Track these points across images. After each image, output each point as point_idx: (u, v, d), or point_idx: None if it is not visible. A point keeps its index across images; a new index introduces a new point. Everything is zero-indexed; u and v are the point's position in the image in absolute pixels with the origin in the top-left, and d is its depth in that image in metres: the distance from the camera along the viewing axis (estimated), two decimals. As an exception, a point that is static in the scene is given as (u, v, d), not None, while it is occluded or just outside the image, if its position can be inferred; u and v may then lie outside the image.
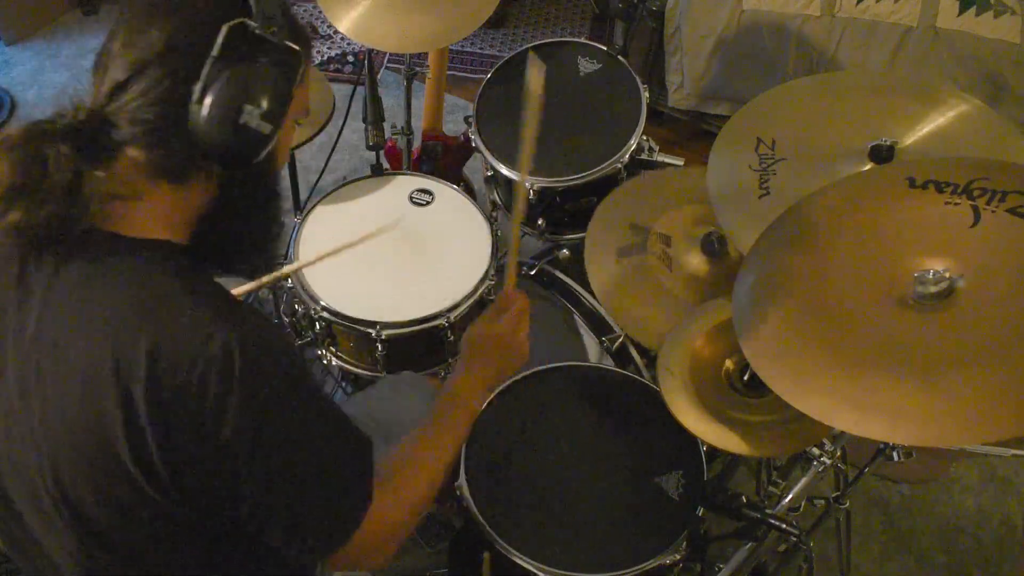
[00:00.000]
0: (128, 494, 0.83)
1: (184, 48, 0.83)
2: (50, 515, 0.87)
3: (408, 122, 2.19)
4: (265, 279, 1.48)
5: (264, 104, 0.86)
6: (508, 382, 1.50)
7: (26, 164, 0.81)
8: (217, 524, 0.89)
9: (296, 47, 0.89)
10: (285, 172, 2.12)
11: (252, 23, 0.85)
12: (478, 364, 1.15)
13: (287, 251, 1.71)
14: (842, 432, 1.30)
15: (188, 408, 0.79)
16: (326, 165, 2.23)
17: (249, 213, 0.96)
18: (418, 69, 2.15)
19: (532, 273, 1.85)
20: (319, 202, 1.76)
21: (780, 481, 1.54)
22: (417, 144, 2.26)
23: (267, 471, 0.85)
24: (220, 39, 0.83)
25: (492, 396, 1.45)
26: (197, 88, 0.83)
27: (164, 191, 0.87)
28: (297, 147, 1.78)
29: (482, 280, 1.63)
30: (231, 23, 0.83)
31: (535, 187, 1.79)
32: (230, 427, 0.80)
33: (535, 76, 1.13)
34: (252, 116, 0.85)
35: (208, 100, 0.83)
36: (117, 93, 0.83)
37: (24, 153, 0.81)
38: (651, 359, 1.66)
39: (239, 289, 1.42)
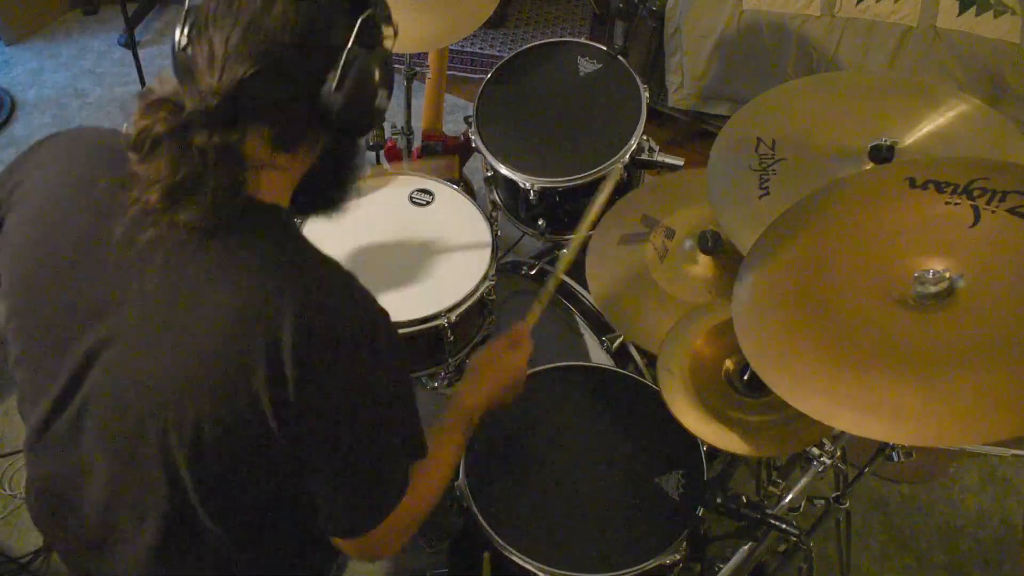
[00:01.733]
0: (249, 426, 0.87)
1: (316, 38, 0.86)
2: (147, 454, 0.90)
3: (408, 122, 2.19)
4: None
5: (389, 85, 0.94)
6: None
7: (183, 159, 0.83)
8: (296, 490, 0.94)
9: (392, 26, 0.96)
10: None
11: (375, 12, 0.91)
12: (487, 386, 1.22)
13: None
14: (842, 432, 1.30)
15: (324, 354, 0.86)
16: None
17: (347, 168, 1.03)
18: (418, 69, 2.15)
19: (532, 273, 1.85)
20: (319, 202, 1.76)
21: (780, 481, 1.54)
22: (417, 144, 2.26)
23: (365, 428, 0.91)
24: (355, 31, 0.87)
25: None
26: (334, 77, 0.87)
27: (282, 159, 0.92)
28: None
29: (482, 280, 1.63)
30: (364, 15, 0.88)
31: (535, 187, 1.79)
32: (351, 380, 0.88)
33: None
34: (383, 99, 0.93)
35: (347, 88, 0.87)
36: (247, 81, 0.84)
37: (174, 147, 0.83)
38: (651, 359, 1.66)
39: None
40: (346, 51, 0.88)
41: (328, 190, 1.04)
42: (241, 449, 0.89)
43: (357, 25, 0.88)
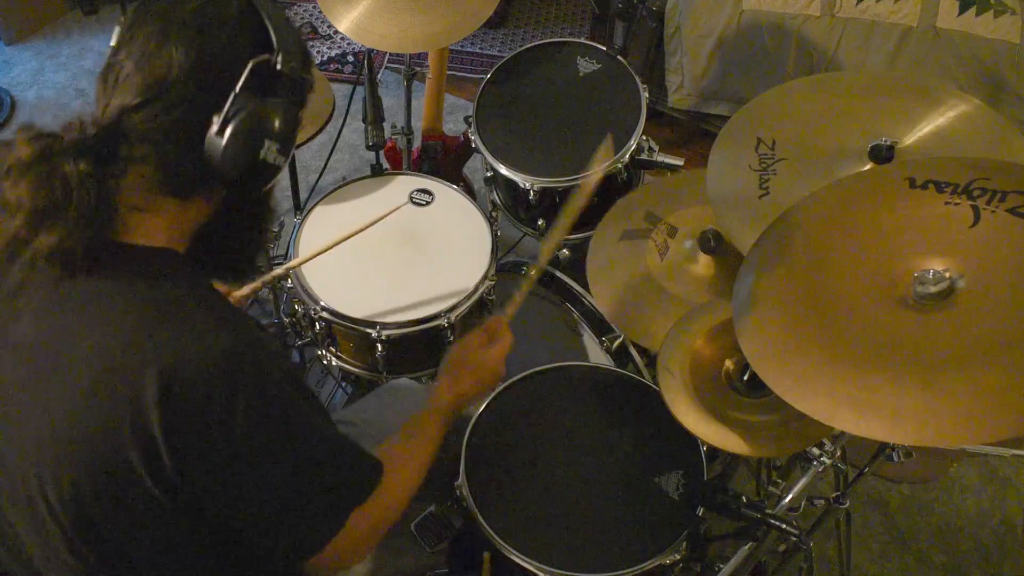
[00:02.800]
0: (133, 494, 0.83)
1: (205, 78, 0.83)
2: (43, 520, 0.87)
3: (408, 122, 2.19)
4: (266, 277, 1.47)
5: (282, 139, 0.89)
6: (509, 381, 1.50)
7: (48, 185, 0.80)
8: (209, 530, 0.90)
9: (308, 77, 0.92)
10: (284, 171, 2.12)
11: (274, 59, 0.86)
12: (460, 382, 1.20)
13: (287, 251, 1.71)
14: (842, 432, 1.30)
15: (197, 412, 0.81)
16: (326, 165, 2.23)
17: (247, 226, 0.99)
18: (418, 69, 2.15)
19: (532, 273, 1.85)
20: (319, 202, 1.76)
21: (780, 481, 1.54)
22: (417, 144, 2.26)
23: (269, 470, 0.86)
24: (245, 74, 0.84)
25: (493, 393, 1.47)
26: (217, 120, 0.83)
27: (169, 204, 0.88)
28: (297, 147, 1.77)
29: (482, 280, 1.63)
30: (257, 59, 0.85)
31: (535, 187, 1.79)
32: (238, 431, 0.82)
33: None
34: (270, 151, 0.88)
35: (228, 133, 0.84)
36: (130, 112, 0.83)
37: (42, 173, 0.81)
38: (651, 359, 1.66)
39: (241, 291, 1.42)
40: (232, 95, 0.84)
41: (225, 249, 0.99)
42: (133, 517, 0.85)
43: (247, 69, 0.84)
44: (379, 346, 1.58)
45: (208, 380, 0.81)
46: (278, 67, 0.86)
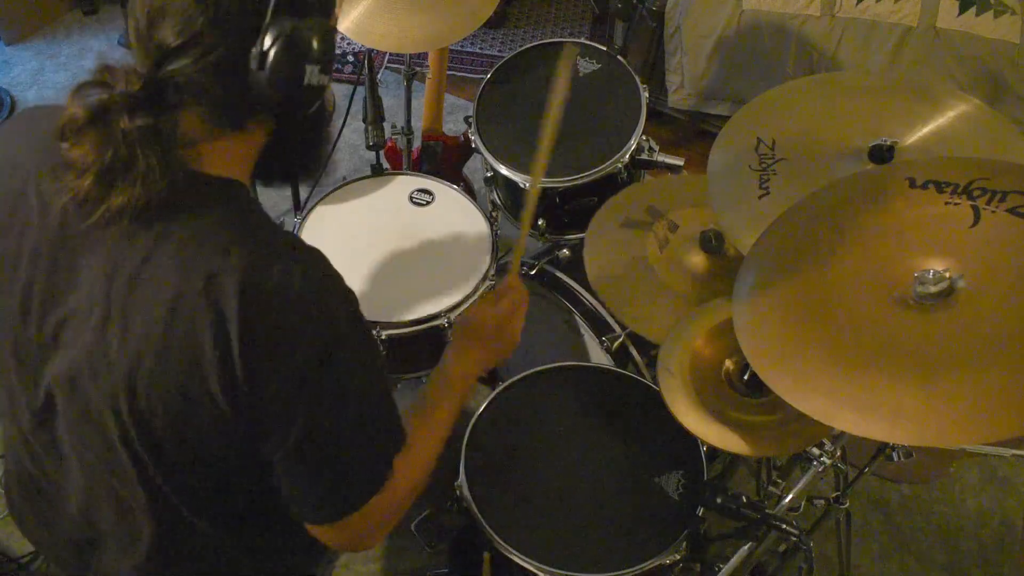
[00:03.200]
0: (203, 411, 0.85)
1: (236, 13, 0.82)
2: (115, 448, 0.89)
3: (408, 122, 2.19)
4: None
5: (322, 59, 0.88)
6: (508, 381, 1.50)
7: (110, 144, 0.81)
8: (263, 473, 0.91)
9: None
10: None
11: None
12: (469, 346, 1.15)
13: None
14: (842, 432, 1.30)
15: (272, 332, 0.83)
16: (326, 165, 2.23)
17: (307, 141, 1.00)
18: (418, 69, 2.15)
19: (532, 273, 1.85)
20: (319, 202, 1.76)
21: (780, 481, 1.54)
22: (417, 144, 2.26)
23: (323, 408, 0.87)
24: (271, 6, 0.82)
25: (492, 393, 1.46)
26: (255, 53, 0.83)
27: (227, 137, 0.89)
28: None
29: (482, 280, 1.63)
30: None
31: (535, 187, 1.79)
32: (303, 356, 0.84)
33: (564, 73, 1.13)
34: (313, 74, 0.88)
35: (269, 66, 0.83)
36: (170, 58, 0.83)
37: (100, 133, 0.82)
38: (651, 359, 1.66)
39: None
40: (265, 24, 0.83)
41: (290, 163, 1.01)
42: (197, 435, 0.87)
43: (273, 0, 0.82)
44: (379, 346, 1.58)
45: (286, 300, 0.83)
46: None
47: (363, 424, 0.92)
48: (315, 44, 0.86)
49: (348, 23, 1.80)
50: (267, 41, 0.82)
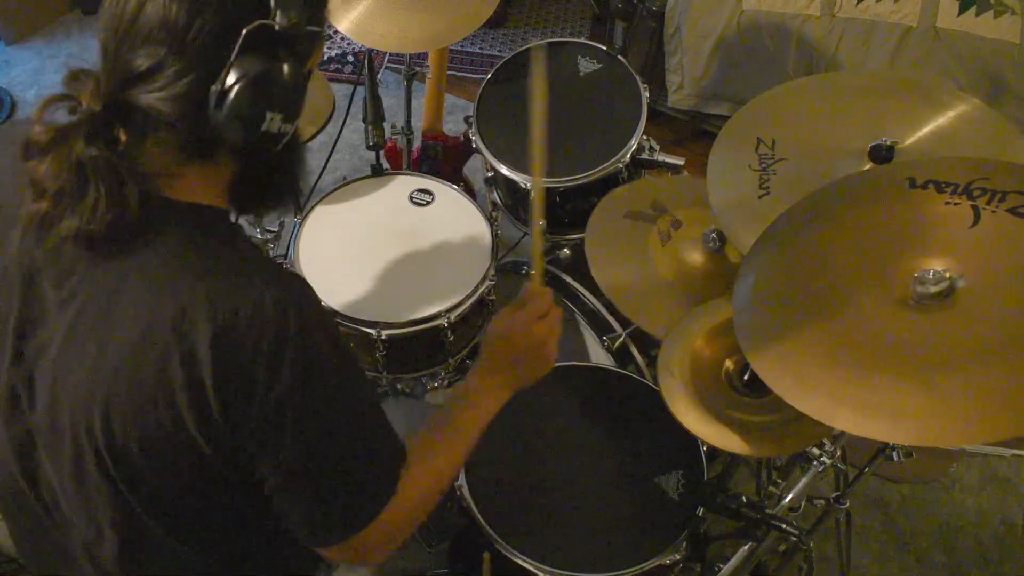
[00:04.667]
0: (178, 444, 0.84)
1: (203, 47, 0.79)
2: (87, 470, 0.88)
3: (408, 122, 2.19)
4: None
5: (285, 107, 0.85)
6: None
7: (66, 169, 0.80)
8: (248, 493, 0.90)
9: (317, 28, 0.86)
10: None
11: (271, 22, 0.81)
12: (498, 363, 1.08)
13: (287, 251, 1.71)
14: (842, 432, 1.30)
15: (246, 363, 0.81)
16: (326, 165, 2.23)
17: (276, 178, 0.97)
18: (418, 69, 2.15)
19: (532, 273, 1.85)
20: (319, 202, 1.76)
21: (780, 481, 1.54)
22: (417, 144, 2.26)
23: (310, 432, 0.86)
24: (238, 45, 0.79)
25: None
26: (215, 90, 0.80)
27: (195, 167, 0.87)
28: (297, 147, 1.78)
29: (482, 280, 1.63)
30: (249, 28, 0.79)
31: (535, 187, 1.79)
32: (282, 384, 0.82)
33: (538, 71, 1.08)
34: (274, 122, 0.84)
35: (227, 106, 0.80)
36: (135, 83, 0.81)
37: (59, 157, 0.80)
38: (651, 359, 1.66)
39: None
40: (228, 63, 0.79)
41: (260, 197, 0.97)
42: (173, 464, 0.86)
43: (240, 38, 0.79)
44: (379, 346, 1.58)
45: (260, 329, 0.80)
46: (276, 28, 0.81)
47: (355, 446, 0.90)
48: (279, 91, 0.83)
49: (348, 23, 1.80)
50: (229, 80, 0.80)
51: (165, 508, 0.90)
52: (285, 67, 0.83)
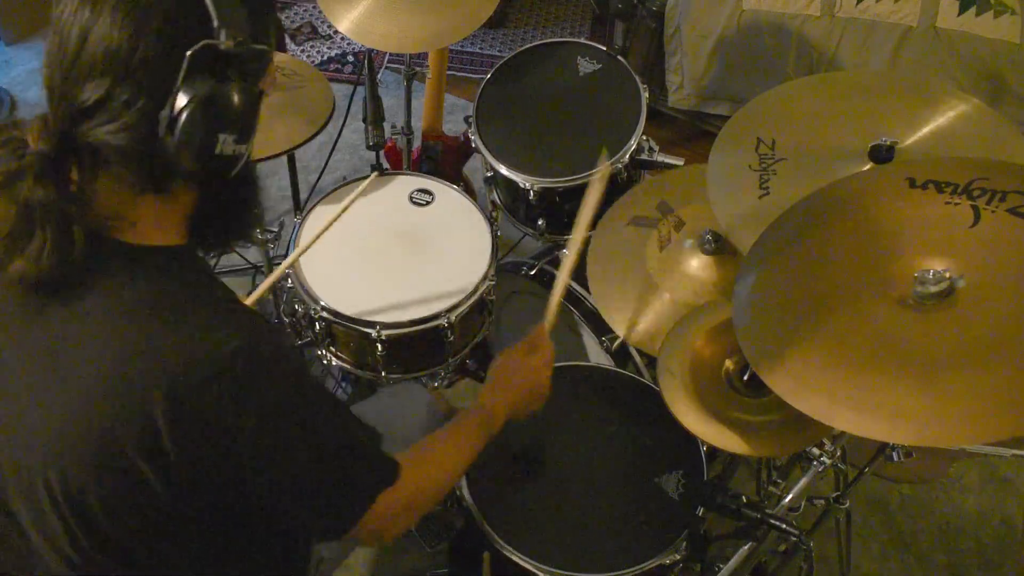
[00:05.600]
0: (136, 493, 0.83)
1: (149, 72, 0.77)
2: (46, 515, 0.87)
3: (408, 122, 2.19)
4: (271, 278, 1.47)
5: (237, 128, 0.83)
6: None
7: (14, 211, 0.78)
8: (217, 522, 0.90)
9: (264, 47, 0.84)
10: (284, 171, 2.13)
11: (215, 41, 0.78)
12: (506, 390, 1.21)
13: (287, 251, 1.71)
14: (842, 432, 1.30)
15: (207, 415, 0.80)
16: (326, 165, 2.23)
17: (234, 205, 0.95)
18: (418, 69, 2.15)
19: (532, 273, 1.85)
20: (319, 202, 1.76)
21: (780, 481, 1.55)
22: (417, 144, 2.26)
23: (284, 466, 0.87)
24: (183, 68, 0.77)
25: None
26: (164, 117, 0.78)
27: (150, 203, 0.85)
28: (297, 147, 1.78)
29: (482, 280, 1.63)
30: (192, 50, 0.77)
31: (535, 187, 1.79)
32: (249, 429, 0.82)
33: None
34: (227, 144, 0.82)
35: (179, 131, 0.78)
36: (82, 118, 0.79)
37: (6, 200, 0.78)
38: (651, 359, 1.66)
39: (252, 296, 1.43)
40: (176, 87, 0.77)
41: (221, 227, 0.96)
42: (131, 511, 0.85)
43: (185, 62, 0.77)
44: (379, 346, 1.58)
45: (217, 382, 0.79)
46: (221, 47, 0.78)
47: (331, 452, 0.92)
48: (230, 111, 0.81)
49: (348, 23, 1.80)
50: (178, 104, 0.78)
51: (124, 556, 0.89)
52: (235, 87, 0.81)
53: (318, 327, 1.64)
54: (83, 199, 0.82)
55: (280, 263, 1.65)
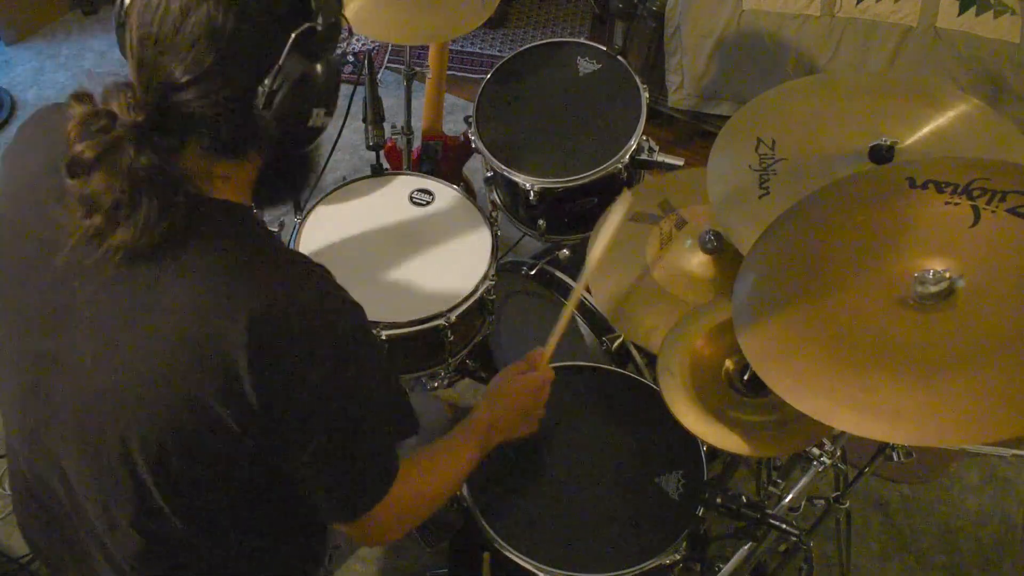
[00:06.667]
0: (215, 438, 0.86)
1: (250, 51, 0.82)
2: (116, 473, 0.89)
3: (408, 122, 2.19)
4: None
5: (325, 101, 0.90)
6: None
7: (119, 182, 0.81)
8: (262, 485, 0.94)
9: (345, 23, 0.91)
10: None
11: (316, 24, 0.85)
12: (502, 408, 1.23)
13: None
14: (842, 432, 1.30)
15: (283, 349, 0.84)
16: (326, 165, 2.21)
17: (299, 169, 1.01)
18: (418, 69, 2.15)
19: (532, 273, 1.85)
20: (319, 202, 1.76)
21: (780, 481, 1.55)
22: (417, 144, 2.26)
23: (345, 414, 0.90)
24: (287, 48, 0.83)
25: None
26: (262, 93, 0.83)
27: (225, 165, 0.89)
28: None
29: (482, 280, 1.63)
30: (298, 31, 0.83)
31: (535, 187, 1.79)
32: (320, 370, 0.86)
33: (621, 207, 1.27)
34: (319, 117, 0.89)
35: (276, 106, 0.84)
36: (177, 91, 0.82)
37: (107, 172, 0.81)
38: (651, 359, 1.66)
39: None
40: (278, 66, 0.83)
41: (281, 189, 1.02)
42: (206, 459, 0.88)
43: (289, 42, 0.83)
44: (383, 348, 1.58)
45: (293, 325, 0.84)
46: (318, 28, 0.85)
47: (377, 423, 0.96)
48: (321, 87, 0.88)
49: (348, 14, 1.79)
50: (278, 80, 0.83)
51: (192, 505, 0.93)
52: (325, 64, 0.88)
53: (318, 327, 1.64)
54: (175, 164, 0.85)
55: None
